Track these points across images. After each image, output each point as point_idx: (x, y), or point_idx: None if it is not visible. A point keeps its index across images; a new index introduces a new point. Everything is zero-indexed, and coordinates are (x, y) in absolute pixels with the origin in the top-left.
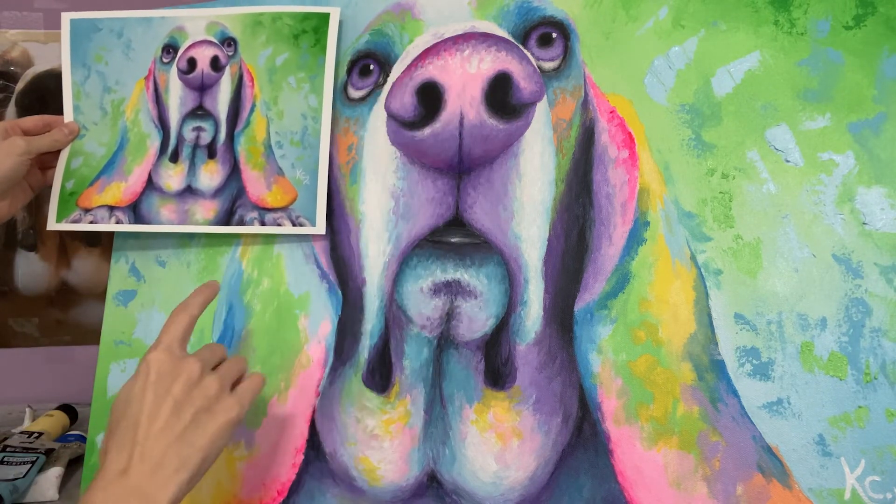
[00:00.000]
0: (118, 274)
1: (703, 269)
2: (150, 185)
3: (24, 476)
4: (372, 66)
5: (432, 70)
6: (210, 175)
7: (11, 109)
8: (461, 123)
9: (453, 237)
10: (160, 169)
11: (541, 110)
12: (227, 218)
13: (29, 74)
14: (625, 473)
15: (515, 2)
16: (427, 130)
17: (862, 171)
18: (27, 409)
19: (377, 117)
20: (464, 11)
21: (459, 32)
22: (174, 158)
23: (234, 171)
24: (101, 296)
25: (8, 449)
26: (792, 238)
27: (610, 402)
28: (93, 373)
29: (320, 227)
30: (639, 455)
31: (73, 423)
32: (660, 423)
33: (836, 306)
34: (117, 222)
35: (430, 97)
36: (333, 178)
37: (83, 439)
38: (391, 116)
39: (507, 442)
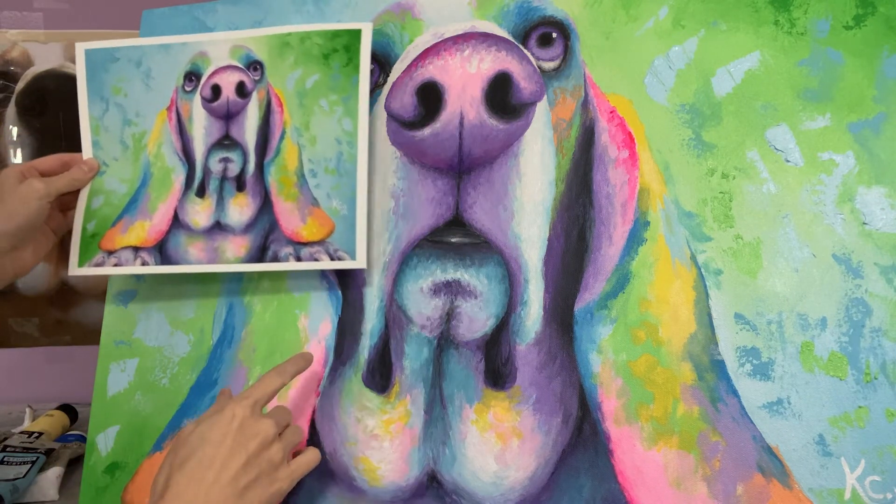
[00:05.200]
0: (118, 274)
1: (703, 269)
2: (177, 222)
3: (24, 476)
4: (372, 66)
5: (432, 70)
6: (240, 209)
7: (11, 109)
8: (461, 123)
9: (453, 237)
10: (186, 204)
11: (541, 110)
12: (259, 254)
13: (29, 74)
14: (625, 473)
15: (515, 2)
16: (427, 130)
17: (862, 171)
18: (27, 409)
19: (377, 117)
20: (464, 11)
21: (459, 32)
22: (201, 193)
23: (266, 204)
24: (101, 296)
25: (8, 449)
26: (792, 238)
27: (610, 402)
28: (93, 373)
29: (361, 261)
30: (639, 455)
31: (73, 423)
32: (660, 423)
33: (836, 306)
34: (143, 264)
35: (431, 97)
36: None
37: (83, 439)
38: (391, 116)
39: (507, 442)
